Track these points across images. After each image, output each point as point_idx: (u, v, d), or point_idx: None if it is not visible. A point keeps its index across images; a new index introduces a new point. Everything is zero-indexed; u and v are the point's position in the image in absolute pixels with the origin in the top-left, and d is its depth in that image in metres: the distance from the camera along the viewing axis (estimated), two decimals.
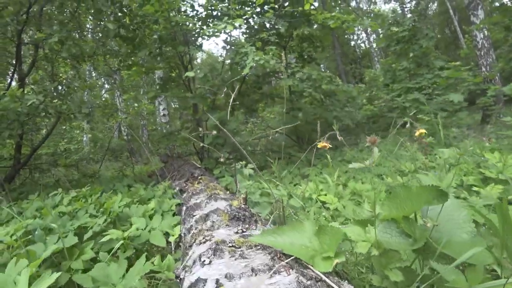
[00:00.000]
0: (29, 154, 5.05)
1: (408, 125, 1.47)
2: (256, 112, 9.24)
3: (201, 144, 4.08)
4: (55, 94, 4.59)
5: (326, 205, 2.23)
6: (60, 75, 6.88)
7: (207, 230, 1.30)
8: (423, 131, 0.92)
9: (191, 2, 5.18)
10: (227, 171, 3.68)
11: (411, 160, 3.83)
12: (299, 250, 0.93)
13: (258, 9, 5.60)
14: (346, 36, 21.94)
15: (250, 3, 4.70)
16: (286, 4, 4.67)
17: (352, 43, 23.80)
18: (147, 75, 8.22)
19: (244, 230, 1.23)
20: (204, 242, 1.18)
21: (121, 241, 1.40)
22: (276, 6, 4.52)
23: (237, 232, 1.22)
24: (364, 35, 21.82)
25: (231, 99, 2.15)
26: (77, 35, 5.02)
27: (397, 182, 3.03)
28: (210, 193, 2.10)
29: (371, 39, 19.83)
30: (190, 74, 3.68)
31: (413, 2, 18.13)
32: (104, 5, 4.33)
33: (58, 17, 4.40)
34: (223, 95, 4.83)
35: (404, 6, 18.52)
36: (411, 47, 6.93)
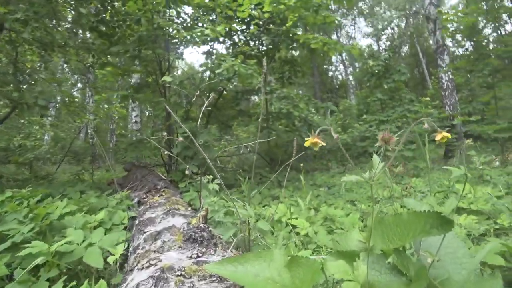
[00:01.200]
0: None
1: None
2: (230, 129, 9.10)
3: (168, 153, 3.80)
4: (12, 81, 4.14)
5: (297, 229, 2.06)
6: (27, 64, 6.32)
7: (155, 251, 1.07)
8: (446, 134, 0.79)
9: (178, 9, 5.06)
10: (192, 185, 3.42)
11: (383, 188, 3.82)
12: (265, 285, 0.74)
13: (244, 27, 5.62)
14: (325, 66, 22.96)
15: (236, 18, 4.67)
16: (270, 23, 4.70)
17: (330, 73, 24.93)
18: (123, 78, 7.83)
19: (200, 254, 1.02)
20: (148, 267, 0.94)
21: (40, 258, 1.11)
22: (261, 22, 4.53)
23: (190, 257, 1.00)
24: (342, 67, 22.99)
25: (204, 108, 1.97)
26: (49, 23, 4.65)
27: (372, 209, 2.95)
28: (169, 207, 1.85)
29: (348, 72, 20.91)
30: (167, 78, 3.47)
31: (387, 43, 19.60)
32: None
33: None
34: (197, 106, 4.64)
35: (380, 42, 19.91)
36: (385, 81, 7.35)
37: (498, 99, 7.00)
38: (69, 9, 5.22)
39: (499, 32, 11.62)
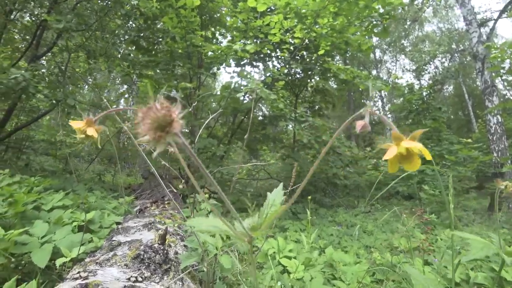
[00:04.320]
0: (11, 131, 4.86)
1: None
2: (257, 153, 9.03)
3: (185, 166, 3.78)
4: (57, 81, 4.53)
5: (289, 270, 1.81)
6: (77, 69, 6.97)
7: (97, 263, 0.94)
8: (412, 145, 0.47)
9: (213, 30, 5.28)
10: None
11: (407, 237, 3.37)
12: None
13: (278, 52, 5.67)
14: (362, 100, 22.49)
15: (269, 42, 4.73)
16: (302, 49, 4.67)
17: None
18: (162, 90, 8.24)
19: (140, 279, 0.87)
20: (75, 279, 0.82)
21: None
22: (292, 48, 4.51)
23: (128, 279, 0.86)
24: (380, 103, 22.29)
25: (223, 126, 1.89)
26: (98, 34, 5.12)
27: (385, 261, 2.58)
28: (153, 220, 1.74)
29: (387, 108, 20.17)
30: (187, 85, 3.52)
31: (430, 81, 18.71)
32: (131, 14, 4.44)
33: (84, 13, 4.49)
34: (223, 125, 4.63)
35: (421, 78, 19.08)
36: (424, 120, 6.85)
37: None
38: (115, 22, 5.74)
39: None
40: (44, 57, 5.61)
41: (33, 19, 5.00)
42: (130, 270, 0.91)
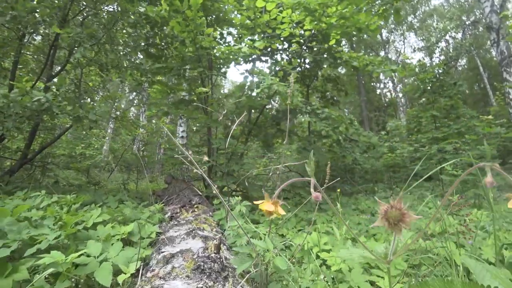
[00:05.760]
0: (37, 151, 5.05)
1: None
2: (273, 147, 9.07)
3: (207, 168, 3.83)
4: (74, 97, 4.67)
5: (328, 262, 1.84)
6: (89, 83, 7.15)
7: (161, 277, 1.00)
8: None
9: (220, 30, 5.28)
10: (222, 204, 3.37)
11: (436, 220, 3.34)
12: None
13: (286, 45, 5.63)
14: (372, 84, 22.05)
15: (277, 37, 4.70)
16: (312, 40, 4.62)
17: (378, 91, 23.78)
18: (173, 95, 8.38)
19: None
20: None
21: (51, 269, 1.12)
22: (302, 40, 4.47)
23: None
24: (390, 84, 21.80)
25: (238, 124, 1.92)
26: (108, 46, 5.22)
27: (418, 247, 2.57)
28: (194, 227, 1.80)
29: (398, 89, 19.71)
30: (203, 89, 3.56)
31: (442, 57, 18.10)
32: (138, 22, 4.50)
33: (91, 27, 4.59)
34: (237, 123, 4.65)
35: (433, 56, 18.48)
36: (439, 99, 6.66)
37: None
38: (123, 32, 5.83)
39: None
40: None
41: (45, 40, 5.13)
42: (193, 281, 0.96)
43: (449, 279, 0.55)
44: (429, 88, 7.31)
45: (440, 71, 7.17)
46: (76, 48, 4.08)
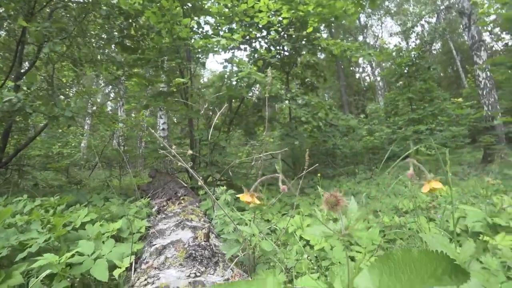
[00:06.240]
0: (12, 154, 4.84)
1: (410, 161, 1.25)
2: (255, 135, 9.13)
3: (191, 160, 3.86)
4: (47, 95, 4.48)
5: (311, 243, 1.97)
6: (62, 79, 6.83)
7: (156, 267, 1.06)
8: (437, 186, 0.73)
9: (197, 19, 5.18)
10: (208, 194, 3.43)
11: (410, 198, 3.57)
12: None
13: (264, 33, 5.62)
14: (351, 68, 22.38)
15: (255, 24, 4.68)
16: (291, 28, 4.65)
17: (357, 75, 24.23)
18: (151, 87, 8.18)
19: (198, 274, 0.99)
20: (145, 286, 0.93)
21: (48, 270, 1.16)
22: (280, 29, 4.49)
23: (188, 276, 0.98)
24: (369, 68, 22.25)
25: (220, 115, 1.96)
26: (80, 40, 5.01)
27: (393, 223, 2.77)
28: (182, 218, 1.86)
29: (376, 73, 20.17)
30: (181, 80, 3.54)
31: (417, 41, 18.63)
32: (111, 13, 4.33)
33: (61, 20, 4.37)
34: (219, 114, 4.67)
35: (409, 40, 18.97)
36: (414, 82, 6.96)
37: None
38: (94, 24, 5.59)
39: None
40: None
41: (11, 35, 4.84)
42: (186, 268, 1.03)
43: (409, 248, 0.65)
44: (405, 72, 7.60)
45: (416, 55, 7.44)
46: (45, 43, 3.89)
